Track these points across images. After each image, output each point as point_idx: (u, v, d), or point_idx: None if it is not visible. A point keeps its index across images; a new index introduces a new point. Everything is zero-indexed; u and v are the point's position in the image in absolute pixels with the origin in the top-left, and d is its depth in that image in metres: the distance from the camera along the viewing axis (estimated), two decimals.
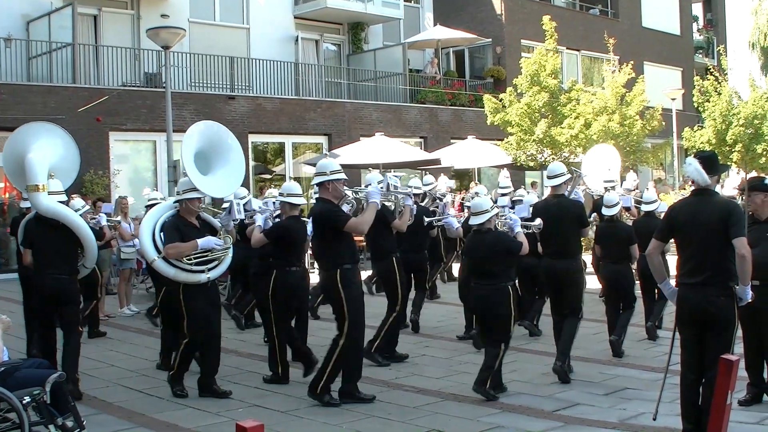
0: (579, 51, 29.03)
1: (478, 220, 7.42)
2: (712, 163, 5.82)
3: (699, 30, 38.02)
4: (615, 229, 9.11)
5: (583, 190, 11.77)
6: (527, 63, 20.45)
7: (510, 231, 7.63)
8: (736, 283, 5.61)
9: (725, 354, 5.22)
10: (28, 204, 8.48)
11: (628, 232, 9.09)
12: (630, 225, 9.70)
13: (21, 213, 10.04)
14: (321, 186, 7.12)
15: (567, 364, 7.95)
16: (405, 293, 8.88)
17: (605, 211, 9.19)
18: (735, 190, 17.88)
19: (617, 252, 8.97)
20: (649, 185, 18.89)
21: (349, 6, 23.68)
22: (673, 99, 24.44)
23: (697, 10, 38.24)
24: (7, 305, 11.90)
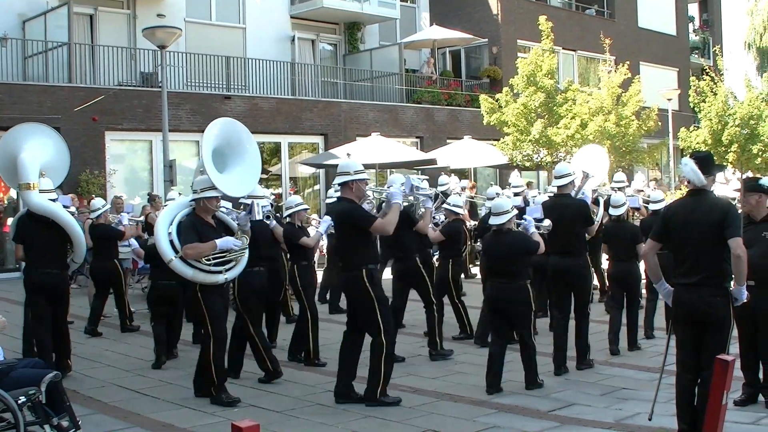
0: (575, 51, 29.05)
1: (498, 220, 7.57)
2: (707, 164, 5.83)
3: (695, 30, 38.11)
4: (621, 229, 9.44)
5: (596, 190, 11.80)
6: (523, 63, 20.48)
7: (525, 230, 7.80)
8: (731, 284, 5.62)
9: (721, 354, 5.23)
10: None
11: (634, 231, 9.41)
12: (636, 224, 10.03)
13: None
14: (344, 186, 7.15)
15: (564, 364, 8.11)
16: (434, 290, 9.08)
17: (612, 211, 9.54)
18: (735, 192, 17.87)
19: (624, 251, 9.25)
20: (652, 185, 18.91)
21: (346, 6, 23.64)
22: (669, 99, 24.44)
23: (693, 10, 38.32)
24: (2, 305, 11.89)
